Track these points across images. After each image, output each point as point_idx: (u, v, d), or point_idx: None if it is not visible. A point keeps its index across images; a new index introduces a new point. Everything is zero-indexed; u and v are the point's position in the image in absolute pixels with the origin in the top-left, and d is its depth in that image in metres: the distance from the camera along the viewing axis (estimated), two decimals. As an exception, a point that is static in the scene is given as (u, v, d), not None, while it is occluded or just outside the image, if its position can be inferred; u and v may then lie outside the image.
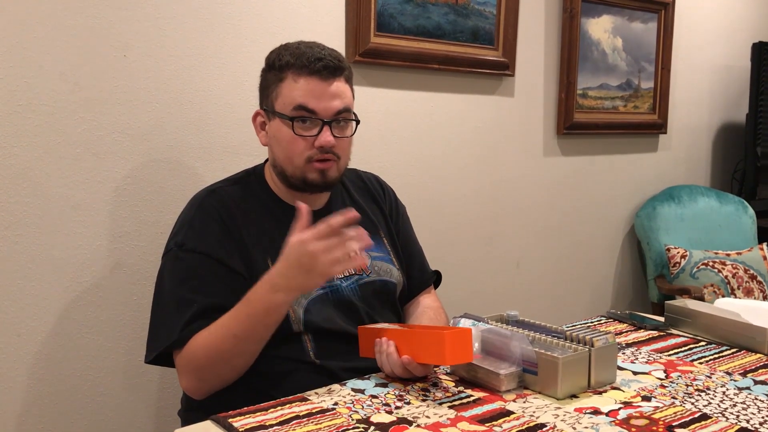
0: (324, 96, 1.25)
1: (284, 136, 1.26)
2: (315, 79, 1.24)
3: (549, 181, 2.51)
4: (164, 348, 1.20)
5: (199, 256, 1.22)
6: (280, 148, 1.28)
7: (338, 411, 1.01)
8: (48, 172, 1.47)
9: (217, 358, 1.17)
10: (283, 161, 1.29)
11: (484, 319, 1.21)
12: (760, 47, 2.93)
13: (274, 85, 1.28)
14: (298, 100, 1.24)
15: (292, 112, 1.25)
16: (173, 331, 1.18)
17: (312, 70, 1.24)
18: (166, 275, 1.25)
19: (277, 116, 1.27)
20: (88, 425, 1.57)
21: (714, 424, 0.98)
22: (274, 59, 1.28)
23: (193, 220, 1.26)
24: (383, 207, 1.47)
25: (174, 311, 1.20)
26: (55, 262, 1.50)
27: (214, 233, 1.24)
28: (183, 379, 1.21)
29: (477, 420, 0.98)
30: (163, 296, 1.24)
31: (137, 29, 1.56)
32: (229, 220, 1.26)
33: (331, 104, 1.25)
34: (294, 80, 1.24)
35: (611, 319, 1.53)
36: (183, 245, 1.24)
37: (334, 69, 1.25)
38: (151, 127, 1.60)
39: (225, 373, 1.19)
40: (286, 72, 1.25)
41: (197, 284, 1.21)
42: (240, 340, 1.16)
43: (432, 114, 2.14)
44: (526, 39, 2.32)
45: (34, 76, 1.44)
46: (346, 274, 1.32)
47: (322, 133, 1.25)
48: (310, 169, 1.27)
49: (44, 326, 1.50)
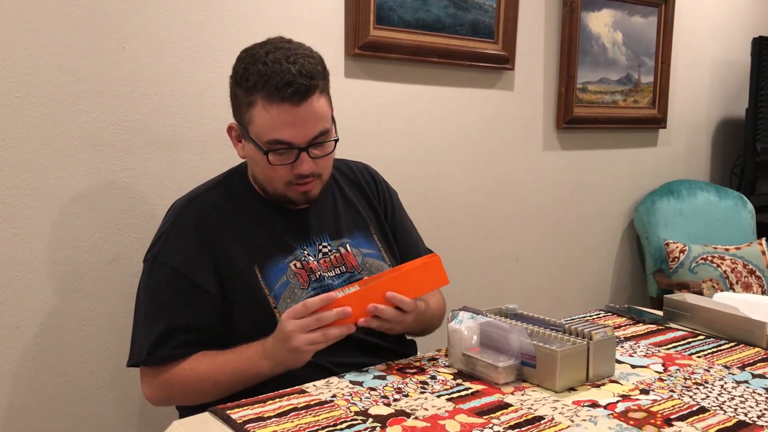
0: (296, 123, 1.17)
1: (260, 161, 1.22)
2: (286, 105, 1.15)
3: (548, 175, 2.51)
4: (134, 363, 1.23)
5: (170, 270, 1.21)
6: (259, 169, 1.25)
7: (336, 403, 1.01)
8: (46, 164, 1.47)
9: (190, 393, 1.20)
10: (262, 181, 1.27)
11: (483, 313, 1.20)
12: (760, 42, 2.92)
13: (244, 107, 1.19)
14: (271, 133, 1.17)
15: (266, 145, 1.18)
16: (142, 350, 1.21)
17: (283, 97, 1.14)
18: (142, 285, 1.26)
19: (251, 143, 1.21)
20: (85, 417, 1.57)
21: (712, 417, 0.98)
22: (241, 75, 1.18)
23: (168, 232, 1.25)
24: (374, 202, 1.44)
25: (144, 326, 1.22)
26: (52, 255, 1.49)
27: (187, 248, 1.22)
28: (148, 390, 1.23)
29: (475, 412, 0.98)
30: (139, 305, 1.26)
31: (136, 21, 1.55)
32: (208, 231, 1.24)
33: (305, 131, 1.18)
34: (265, 109, 1.16)
35: (610, 313, 1.53)
36: (156, 257, 1.23)
37: (305, 92, 1.15)
38: (150, 119, 1.59)
39: (192, 402, 1.21)
40: (255, 96, 1.16)
41: (166, 300, 1.21)
42: (219, 387, 1.17)
43: (431, 108, 2.13)
44: (525, 33, 2.32)
45: (32, 68, 1.43)
46: (337, 272, 1.30)
47: (299, 162, 1.19)
48: (291, 191, 1.24)
49: (42, 318, 1.50)
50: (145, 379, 1.23)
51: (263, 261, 1.24)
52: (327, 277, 1.28)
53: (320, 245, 1.31)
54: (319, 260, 1.29)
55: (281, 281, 1.24)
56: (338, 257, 1.32)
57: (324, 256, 1.30)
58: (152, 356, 1.19)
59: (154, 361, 1.20)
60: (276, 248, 1.26)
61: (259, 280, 1.23)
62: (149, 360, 1.20)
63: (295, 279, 1.25)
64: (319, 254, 1.30)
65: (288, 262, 1.26)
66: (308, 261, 1.28)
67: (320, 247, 1.31)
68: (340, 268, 1.31)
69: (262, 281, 1.23)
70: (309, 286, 1.26)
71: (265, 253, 1.25)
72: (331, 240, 1.33)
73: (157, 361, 1.20)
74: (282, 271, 1.25)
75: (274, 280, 1.24)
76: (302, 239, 1.30)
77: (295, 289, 1.24)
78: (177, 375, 1.19)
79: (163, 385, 1.21)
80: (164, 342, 1.19)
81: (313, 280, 1.27)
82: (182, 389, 1.19)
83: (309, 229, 1.31)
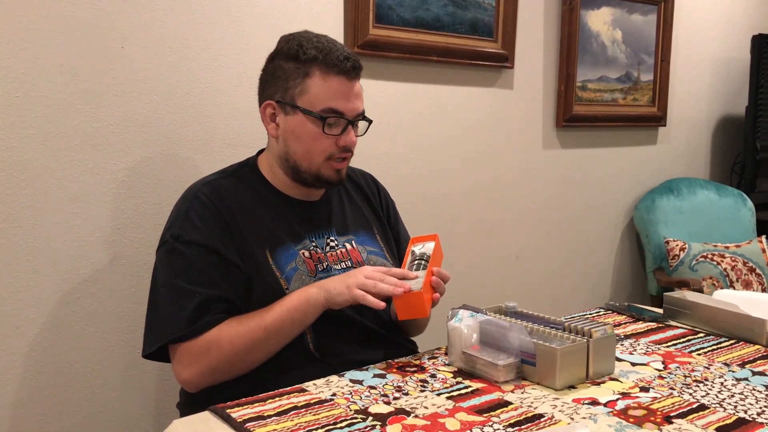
0: (350, 96, 1.26)
1: (308, 132, 1.25)
2: (344, 79, 1.24)
3: (548, 173, 2.51)
4: (168, 341, 1.19)
5: (197, 247, 1.21)
6: (299, 143, 1.27)
7: (336, 402, 1.01)
8: (46, 164, 1.47)
9: (241, 349, 1.17)
10: (300, 156, 1.28)
11: (483, 311, 1.20)
12: (760, 39, 2.92)
13: (297, 78, 1.25)
14: (327, 102, 1.24)
15: (322, 113, 1.24)
16: (177, 324, 1.17)
17: (341, 70, 1.24)
18: (162, 268, 1.24)
19: (302, 112, 1.25)
20: (86, 418, 1.57)
21: (712, 414, 0.98)
22: (296, 50, 1.25)
23: (189, 212, 1.24)
24: (377, 209, 1.47)
25: (174, 304, 1.19)
26: (53, 255, 1.49)
27: (211, 224, 1.23)
28: (187, 370, 1.18)
29: (475, 410, 0.98)
30: (160, 289, 1.23)
31: (135, 20, 1.55)
32: (225, 211, 1.25)
33: (356, 105, 1.27)
34: (323, 79, 1.24)
35: (610, 311, 1.53)
36: (179, 237, 1.22)
37: (358, 69, 1.27)
38: (150, 118, 1.59)
39: (240, 367, 1.19)
40: (312, 67, 1.24)
41: (197, 275, 1.20)
42: (270, 333, 1.17)
43: (431, 106, 2.13)
44: (525, 31, 2.31)
45: (31, 68, 1.43)
46: (343, 266, 1.32)
47: (347, 134, 1.27)
48: (327, 167, 1.28)
49: (42, 318, 1.50)
50: (182, 359, 1.18)
51: (274, 246, 1.26)
52: (334, 269, 1.30)
53: (328, 238, 1.34)
54: (327, 253, 1.31)
55: (290, 266, 1.26)
56: (344, 252, 1.34)
57: (331, 249, 1.33)
58: (193, 327, 1.16)
59: (195, 331, 1.16)
60: (287, 235, 1.28)
61: (270, 263, 1.25)
62: (191, 332, 1.16)
63: (303, 266, 1.27)
64: (327, 247, 1.32)
65: (298, 249, 1.28)
66: (317, 251, 1.30)
67: (328, 240, 1.33)
68: (345, 262, 1.32)
69: (273, 264, 1.25)
70: (316, 275, 1.27)
71: (276, 239, 1.27)
72: (338, 235, 1.35)
73: (199, 330, 1.16)
74: (292, 257, 1.27)
75: (285, 264, 1.26)
76: (311, 230, 1.32)
77: (303, 276, 1.26)
78: (224, 333, 1.16)
79: (207, 353, 1.16)
80: (203, 313, 1.17)
81: (320, 270, 1.28)
82: (231, 346, 1.16)
83: (318, 222, 1.34)
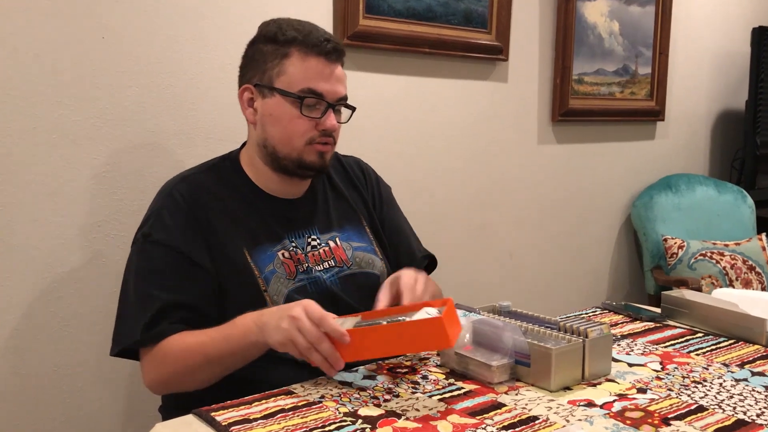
0: (331, 79, 1.24)
1: (286, 114, 1.23)
2: (323, 59, 1.23)
3: (543, 169, 2.49)
4: (126, 345, 1.19)
5: (164, 248, 1.20)
6: (278, 127, 1.25)
7: (325, 404, 1.00)
8: (23, 159, 1.44)
9: (185, 369, 1.15)
10: (278, 141, 1.25)
11: (476, 310, 1.19)
12: (760, 32, 2.91)
13: (275, 60, 1.23)
14: (305, 82, 1.22)
15: (300, 92, 1.22)
16: (135, 330, 1.17)
17: (321, 50, 1.22)
18: (132, 267, 1.23)
19: (279, 93, 1.23)
20: (64, 420, 1.54)
21: (710, 416, 0.97)
22: (274, 32, 1.24)
23: (160, 210, 1.23)
24: (365, 195, 1.44)
25: (137, 307, 1.19)
26: (30, 252, 1.46)
27: (181, 225, 1.21)
28: (147, 375, 1.19)
29: (468, 413, 0.97)
30: (128, 288, 1.23)
31: (116, 10, 1.52)
32: (199, 210, 1.23)
33: (336, 88, 1.25)
34: (301, 59, 1.22)
35: (606, 310, 1.52)
36: (149, 236, 1.22)
37: (340, 53, 1.25)
38: (131, 112, 1.56)
39: (190, 384, 1.17)
40: (291, 48, 1.22)
41: (160, 279, 1.19)
42: (212, 362, 1.13)
43: (422, 99, 2.11)
44: (520, 22, 2.29)
45: (8, 59, 1.40)
46: (326, 266, 1.30)
47: (327, 117, 1.24)
48: (310, 151, 1.25)
49: (19, 318, 1.47)
50: (143, 363, 1.19)
51: (252, 245, 1.25)
52: (315, 270, 1.28)
53: (309, 238, 1.31)
54: (308, 253, 1.29)
55: (269, 268, 1.24)
56: (327, 251, 1.32)
57: (313, 249, 1.30)
58: (147, 335, 1.15)
59: (149, 339, 1.15)
60: (264, 236, 1.26)
61: (249, 261, 1.23)
62: (144, 339, 1.16)
63: (281, 269, 1.25)
64: (308, 247, 1.30)
65: (276, 251, 1.26)
66: (296, 252, 1.28)
67: (309, 240, 1.31)
68: (329, 262, 1.30)
69: (252, 263, 1.23)
70: (296, 278, 1.26)
71: (254, 239, 1.25)
72: (321, 233, 1.33)
73: (151, 338, 1.15)
74: (270, 259, 1.25)
75: (263, 265, 1.24)
76: (291, 230, 1.30)
77: (281, 279, 1.24)
78: (174, 347, 1.14)
79: (157, 365, 1.16)
80: (160, 320, 1.16)
81: (300, 271, 1.27)
82: (175, 364, 1.14)
83: (298, 221, 1.32)
